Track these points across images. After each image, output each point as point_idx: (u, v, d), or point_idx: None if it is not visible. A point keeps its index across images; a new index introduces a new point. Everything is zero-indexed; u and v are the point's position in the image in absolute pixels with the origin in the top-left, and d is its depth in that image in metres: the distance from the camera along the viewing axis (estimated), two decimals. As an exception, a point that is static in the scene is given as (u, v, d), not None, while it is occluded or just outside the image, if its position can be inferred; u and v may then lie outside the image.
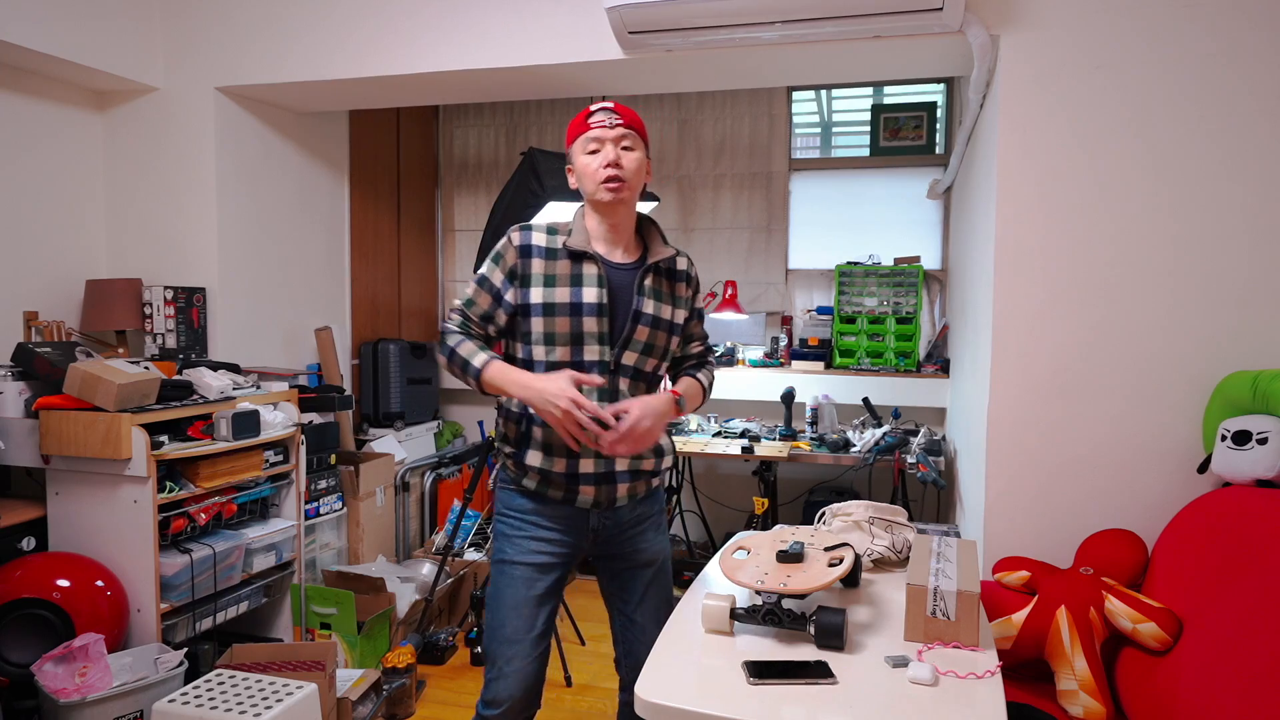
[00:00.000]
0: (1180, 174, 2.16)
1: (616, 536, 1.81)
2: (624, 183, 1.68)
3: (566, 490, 1.73)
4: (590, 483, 1.73)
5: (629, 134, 1.71)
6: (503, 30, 2.79)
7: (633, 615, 1.86)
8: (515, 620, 1.74)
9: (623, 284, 1.74)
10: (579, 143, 1.72)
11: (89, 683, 2.14)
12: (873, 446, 3.27)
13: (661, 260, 1.76)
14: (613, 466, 1.73)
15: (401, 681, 2.68)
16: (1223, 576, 1.69)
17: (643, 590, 1.85)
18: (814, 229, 4.12)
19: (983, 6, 2.28)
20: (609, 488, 1.74)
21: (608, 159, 1.68)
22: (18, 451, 2.43)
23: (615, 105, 1.72)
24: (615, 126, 1.70)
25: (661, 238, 1.82)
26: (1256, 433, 1.87)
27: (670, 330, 1.78)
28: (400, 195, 4.33)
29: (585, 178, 1.71)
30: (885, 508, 1.94)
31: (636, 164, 1.71)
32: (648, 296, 1.74)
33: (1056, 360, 2.26)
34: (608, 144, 1.69)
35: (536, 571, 1.76)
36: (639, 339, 1.73)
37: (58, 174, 3.01)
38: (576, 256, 1.72)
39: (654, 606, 1.86)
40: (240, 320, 3.26)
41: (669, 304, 1.78)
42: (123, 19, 2.97)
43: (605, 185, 1.68)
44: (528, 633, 1.74)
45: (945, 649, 1.42)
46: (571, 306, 1.70)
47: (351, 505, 3.31)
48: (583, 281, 1.71)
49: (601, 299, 1.70)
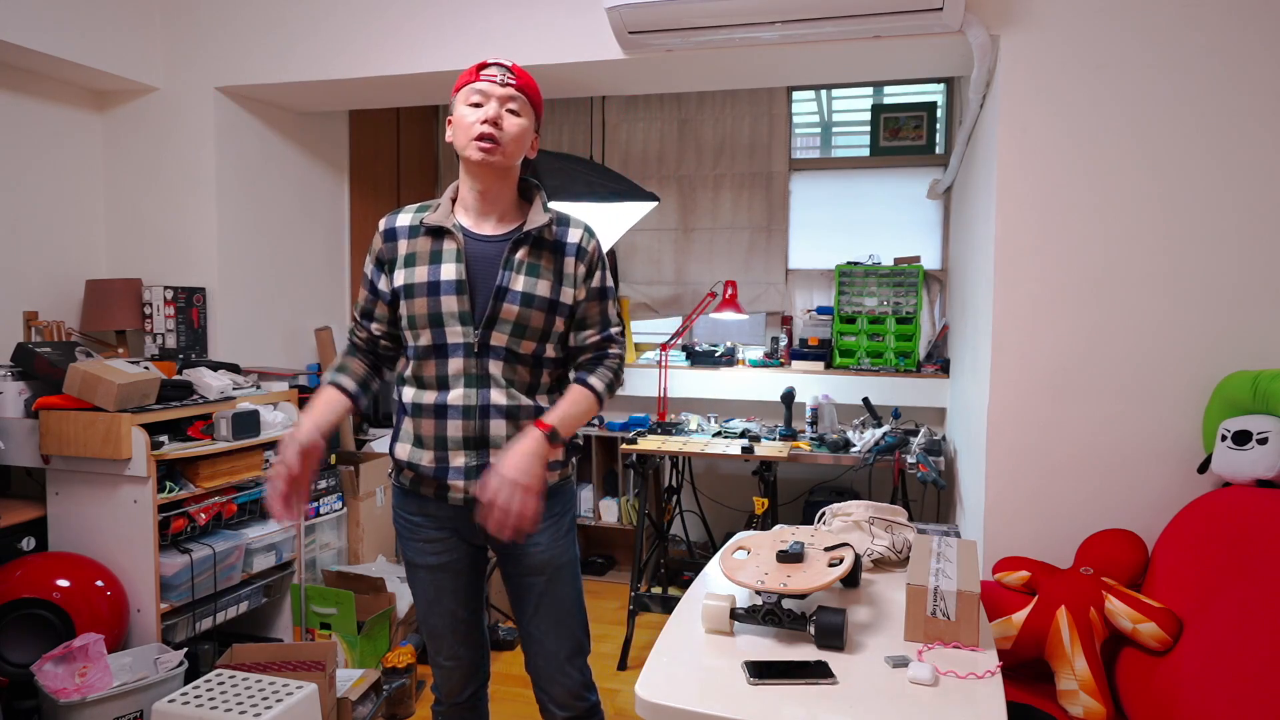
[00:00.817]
0: (1180, 174, 2.16)
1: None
2: (498, 144, 1.55)
3: (437, 486, 1.62)
4: (460, 477, 1.60)
5: (518, 97, 1.58)
6: (503, 30, 2.79)
7: (528, 627, 1.71)
8: (433, 619, 1.73)
9: (488, 257, 1.60)
10: (463, 93, 1.58)
11: (89, 683, 2.14)
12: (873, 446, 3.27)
13: (534, 229, 1.60)
14: (486, 459, 1.59)
15: (401, 681, 2.68)
16: (1223, 576, 1.69)
17: (535, 600, 1.69)
18: (814, 229, 4.12)
19: (983, 6, 2.28)
20: (481, 483, 1.57)
21: (487, 115, 1.55)
22: (18, 451, 2.43)
23: (513, 65, 1.60)
24: (506, 85, 1.57)
25: (543, 205, 1.65)
26: (1256, 433, 1.87)
27: (551, 310, 1.61)
28: (400, 195, 4.33)
29: (460, 131, 1.57)
30: (885, 508, 1.94)
31: (519, 130, 1.58)
32: (516, 271, 1.59)
33: (1056, 360, 2.26)
34: (492, 100, 1.56)
35: (435, 573, 1.69)
36: (506, 319, 1.58)
37: (58, 174, 3.01)
38: (436, 233, 1.61)
39: (550, 619, 1.69)
40: (240, 320, 3.26)
41: (548, 279, 1.61)
42: (123, 19, 2.97)
43: (477, 142, 1.54)
44: (450, 630, 1.73)
45: (945, 649, 1.42)
46: (429, 286, 1.58)
47: (351, 505, 3.31)
48: (441, 258, 1.59)
49: (460, 275, 1.57)
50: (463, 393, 1.59)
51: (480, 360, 1.59)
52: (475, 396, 1.59)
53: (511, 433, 1.59)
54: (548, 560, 1.68)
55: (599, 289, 1.68)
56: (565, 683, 1.70)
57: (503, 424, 1.60)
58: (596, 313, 1.68)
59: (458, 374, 1.59)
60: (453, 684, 1.77)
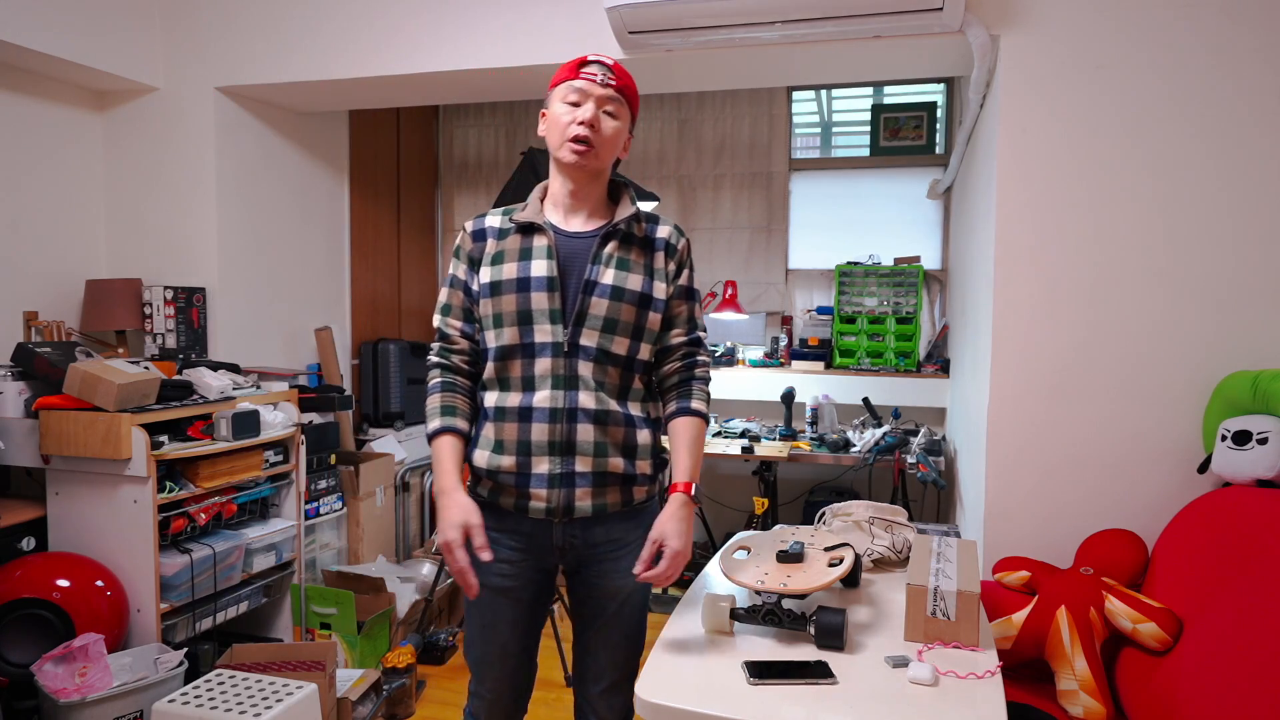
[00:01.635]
0: (1180, 174, 2.16)
1: (588, 558, 1.58)
2: (592, 147, 1.50)
3: (518, 496, 1.53)
4: (543, 485, 1.51)
5: (617, 99, 1.52)
6: (503, 30, 2.79)
7: (589, 643, 1.65)
8: (484, 645, 1.62)
9: (578, 253, 1.53)
10: (561, 89, 1.52)
11: (89, 683, 2.14)
12: (873, 446, 3.27)
13: (622, 222, 1.54)
14: (572, 467, 1.51)
15: (401, 681, 2.68)
16: (1223, 576, 1.69)
17: (606, 619, 1.62)
18: (814, 229, 4.12)
19: (983, 6, 2.28)
20: (566, 491, 1.51)
21: (585, 116, 1.49)
22: (18, 451, 2.43)
23: (614, 64, 1.53)
24: (606, 85, 1.51)
25: (631, 200, 1.59)
26: (1256, 433, 1.87)
27: (642, 304, 1.53)
28: (400, 195, 4.33)
29: (555, 129, 1.52)
30: (885, 508, 1.94)
31: (614, 132, 1.52)
32: (606, 265, 1.52)
33: (1056, 360, 2.26)
34: (590, 101, 1.50)
35: (497, 596, 1.58)
36: (596, 314, 1.50)
37: (58, 174, 3.01)
38: (526, 229, 1.54)
39: (615, 638, 1.62)
40: (240, 320, 3.26)
41: (639, 273, 1.54)
42: (123, 19, 2.97)
43: (571, 144, 1.49)
44: (498, 661, 1.62)
45: (945, 649, 1.42)
46: (519, 282, 1.51)
47: (351, 505, 3.31)
48: (532, 254, 1.52)
49: (551, 271, 1.50)
50: (549, 394, 1.50)
51: (569, 361, 1.50)
52: (563, 399, 1.50)
53: (600, 439, 1.51)
54: (625, 584, 1.59)
55: (687, 288, 1.62)
56: (616, 704, 1.65)
57: (590, 429, 1.50)
58: (685, 313, 1.62)
59: (545, 375, 1.50)
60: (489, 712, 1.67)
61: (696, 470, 1.55)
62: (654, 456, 1.59)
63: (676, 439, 1.58)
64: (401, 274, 4.36)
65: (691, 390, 1.60)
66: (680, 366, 1.61)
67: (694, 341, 1.62)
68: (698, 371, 1.62)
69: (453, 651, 3.17)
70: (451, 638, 3.17)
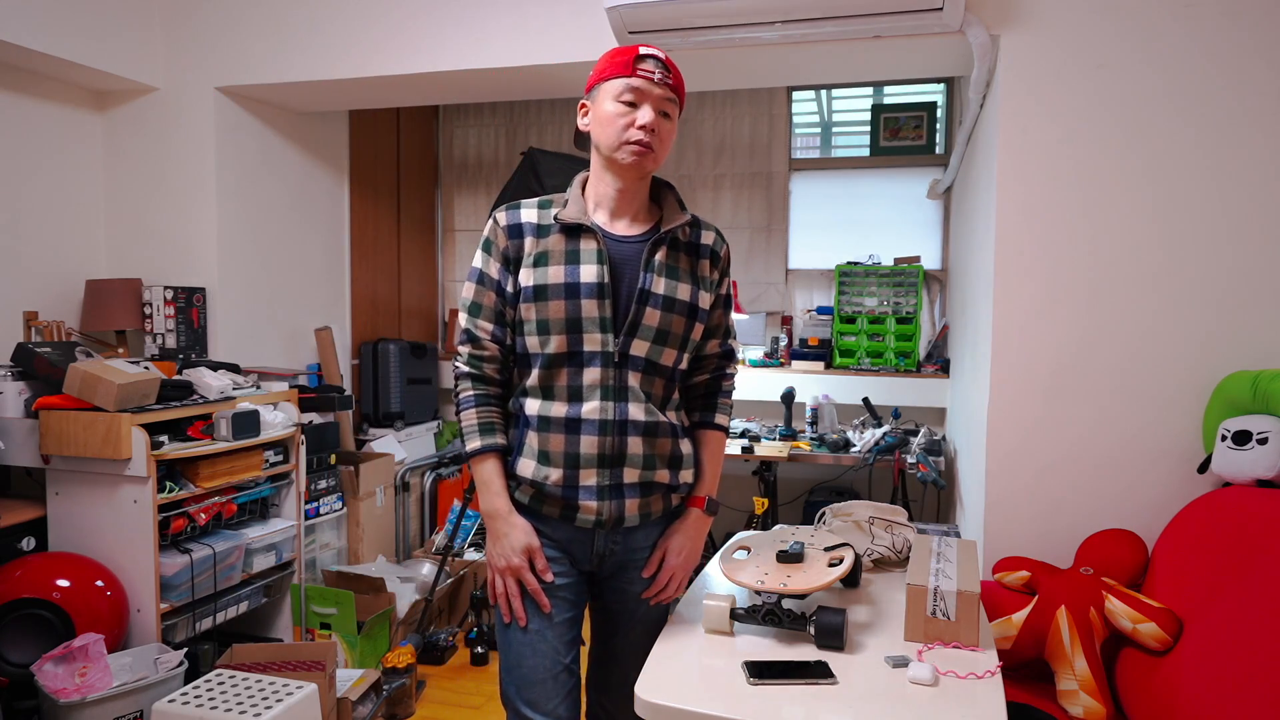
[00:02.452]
0: (1181, 174, 2.16)
1: (626, 562, 1.55)
2: (652, 151, 1.43)
3: (564, 506, 1.47)
4: (592, 497, 1.46)
5: (673, 99, 1.46)
6: (503, 30, 2.79)
7: (611, 643, 1.62)
8: (532, 660, 1.48)
9: (628, 259, 1.46)
10: (614, 85, 1.43)
11: (89, 683, 2.14)
12: (873, 446, 3.27)
13: (676, 229, 1.49)
14: (620, 479, 1.46)
15: (401, 681, 2.68)
16: (1223, 576, 1.69)
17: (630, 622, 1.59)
18: (814, 229, 4.12)
19: (983, 6, 2.28)
20: (615, 503, 1.47)
21: (646, 119, 1.41)
22: (18, 451, 2.43)
23: (666, 58, 1.45)
24: (663, 84, 1.43)
25: (679, 204, 1.53)
26: (1256, 433, 1.87)
27: (690, 315, 1.50)
28: (400, 195, 4.33)
29: (608, 128, 1.43)
30: (885, 508, 1.94)
31: (669, 133, 1.47)
32: (658, 274, 1.46)
33: (1056, 360, 2.26)
34: (648, 103, 1.43)
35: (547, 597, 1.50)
36: (649, 324, 1.45)
37: (58, 174, 3.01)
38: (571, 231, 1.46)
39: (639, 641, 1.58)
40: (240, 320, 3.26)
41: (688, 283, 1.49)
42: (123, 19, 2.97)
43: (632, 146, 1.42)
44: (552, 677, 1.48)
45: (945, 649, 1.42)
46: (567, 288, 1.43)
47: (351, 505, 3.31)
48: (580, 258, 1.44)
49: (603, 277, 1.43)
50: (599, 405, 1.44)
51: (619, 371, 1.45)
52: (612, 410, 1.45)
53: (648, 452, 1.47)
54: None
55: (725, 296, 1.60)
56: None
57: (639, 441, 1.46)
58: (723, 323, 1.60)
59: (594, 385, 1.44)
60: None
61: (716, 484, 1.59)
62: (696, 465, 1.59)
63: (698, 452, 1.60)
64: (401, 274, 4.37)
65: (717, 404, 1.61)
66: (710, 379, 1.62)
67: (727, 354, 1.63)
68: (725, 385, 1.62)
69: (452, 651, 3.17)
70: (451, 638, 3.17)
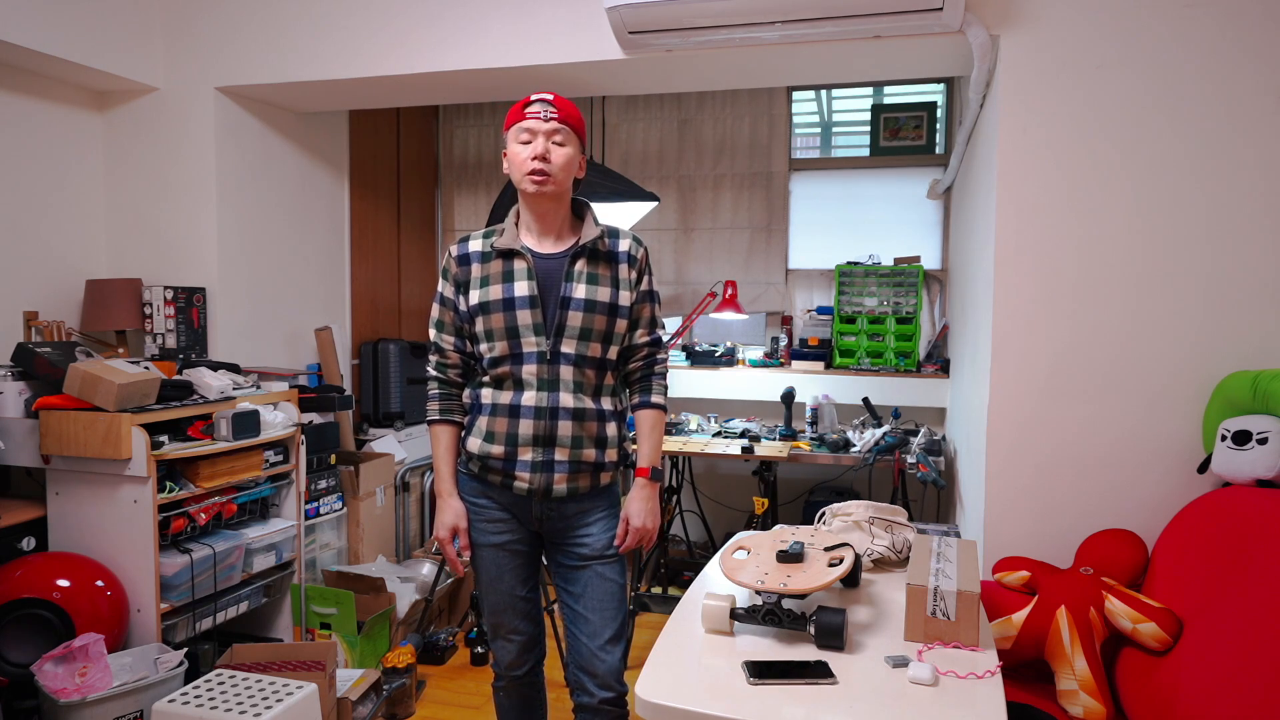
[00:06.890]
0: (1180, 174, 2.16)
1: (562, 529, 1.84)
2: (549, 176, 1.72)
3: (504, 476, 1.80)
4: (526, 469, 1.77)
5: (562, 129, 1.74)
6: (503, 30, 2.79)
7: (575, 607, 1.85)
8: (494, 596, 1.88)
9: (553, 272, 1.78)
10: (514, 130, 1.75)
11: (89, 683, 2.14)
12: (873, 446, 3.27)
13: (588, 242, 1.78)
14: (552, 456, 1.77)
15: (401, 681, 2.68)
16: (1223, 576, 1.70)
17: (585, 583, 1.84)
18: (814, 229, 4.12)
19: (983, 6, 2.28)
20: (545, 476, 1.77)
21: (536, 151, 1.72)
22: (18, 451, 2.43)
23: (554, 98, 1.75)
24: (549, 120, 1.73)
25: (594, 220, 1.83)
26: (1256, 433, 1.87)
27: (611, 313, 1.80)
28: (400, 195, 4.33)
29: (514, 166, 1.75)
30: (885, 508, 1.94)
31: (566, 159, 1.74)
32: (578, 281, 1.77)
33: (1056, 360, 2.26)
34: (540, 136, 1.72)
35: (498, 552, 1.86)
36: (574, 325, 1.76)
37: (58, 174, 3.01)
38: (506, 254, 1.78)
39: (597, 600, 1.83)
40: (240, 320, 3.26)
41: (607, 286, 1.79)
42: (123, 19, 2.97)
43: (530, 176, 1.72)
44: (510, 606, 1.88)
45: (945, 649, 1.42)
46: (504, 302, 1.76)
47: (351, 505, 3.31)
48: (514, 276, 1.77)
49: (532, 290, 1.75)
50: (535, 394, 1.76)
51: (552, 366, 1.76)
52: (547, 399, 1.76)
53: (577, 434, 1.77)
54: (600, 551, 1.83)
55: (647, 292, 1.88)
56: (609, 661, 1.81)
57: (569, 425, 1.77)
58: (646, 314, 1.88)
59: (531, 378, 1.77)
60: (513, 657, 1.93)
61: (657, 455, 1.87)
62: (619, 445, 1.87)
63: (639, 429, 1.89)
64: (401, 274, 4.37)
65: (652, 385, 1.90)
66: (643, 365, 1.90)
67: (655, 341, 1.90)
68: (657, 369, 1.91)
69: (452, 651, 3.17)
70: (451, 638, 3.17)
